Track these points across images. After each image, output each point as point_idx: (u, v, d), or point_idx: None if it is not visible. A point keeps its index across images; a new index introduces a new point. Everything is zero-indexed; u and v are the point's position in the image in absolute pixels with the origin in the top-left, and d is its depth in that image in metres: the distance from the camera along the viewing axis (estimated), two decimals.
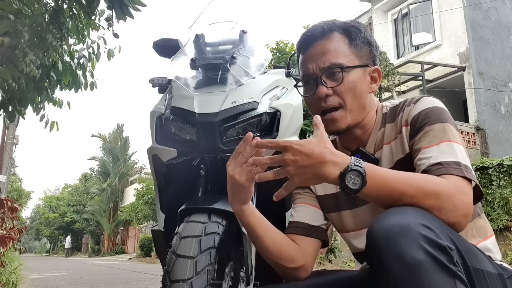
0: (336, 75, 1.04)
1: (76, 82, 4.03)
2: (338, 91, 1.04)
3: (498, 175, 7.41)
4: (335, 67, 1.04)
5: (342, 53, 1.05)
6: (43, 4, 3.54)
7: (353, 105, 1.06)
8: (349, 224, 1.15)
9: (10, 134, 10.61)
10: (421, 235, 0.74)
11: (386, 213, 0.82)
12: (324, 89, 1.04)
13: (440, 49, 11.98)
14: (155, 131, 1.47)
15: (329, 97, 1.05)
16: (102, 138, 31.66)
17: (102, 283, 6.45)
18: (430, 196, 0.84)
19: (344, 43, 1.07)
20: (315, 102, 1.07)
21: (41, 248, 59.69)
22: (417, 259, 0.72)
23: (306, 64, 1.09)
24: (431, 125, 0.98)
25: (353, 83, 1.05)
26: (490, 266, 0.88)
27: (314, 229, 1.14)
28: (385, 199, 0.86)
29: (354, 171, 0.83)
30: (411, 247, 0.73)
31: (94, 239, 34.05)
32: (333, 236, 7.76)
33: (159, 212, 1.50)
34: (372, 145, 1.11)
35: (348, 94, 1.05)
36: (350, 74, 1.05)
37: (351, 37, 1.07)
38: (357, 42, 1.08)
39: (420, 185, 0.85)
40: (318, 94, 1.05)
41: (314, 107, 1.09)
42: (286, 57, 7.30)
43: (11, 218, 3.71)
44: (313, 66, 1.06)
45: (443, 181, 0.87)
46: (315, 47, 1.07)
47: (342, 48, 1.06)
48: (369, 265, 0.84)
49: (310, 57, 1.08)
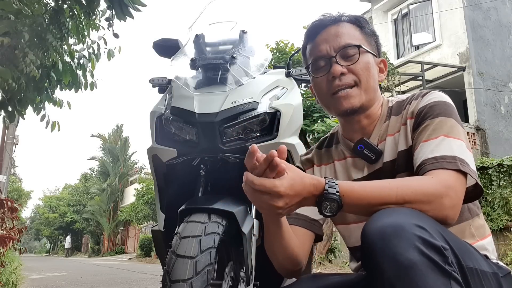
0: (351, 55, 1.05)
1: (76, 82, 4.03)
2: (354, 70, 1.05)
3: (498, 175, 7.42)
4: (351, 46, 1.05)
5: (355, 36, 1.07)
6: (43, 4, 3.53)
7: (368, 85, 1.06)
8: (350, 216, 1.14)
9: (10, 134, 10.62)
10: (415, 235, 0.74)
11: (380, 214, 0.82)
12: (339, 67, 1.04)
13: (440, 49, 11.97)
14: (155, 131, 1.47)
15: (344, 75, 1.04)
16: (102, 138, 31.65)
17: (102, 283, 6.45)
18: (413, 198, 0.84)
19: (355, 29, 1.09)
20: (328, 82, 1.06)
21: (41, 248, 59.67)
22: (412, 260, 0.72)
23: (317, 47, 1.08)
24: (433, 119, 0.98)
25: (367, 64, 1.06)
26: (485, 265, 0.88)
27: (313, 222, 1.15)
28: (367, 212, 0.86)
29: (328, 198, 0.83)
30: (406, 248, 0.73)
31: (94, 239, 34.03)
32: (333, 236, 7.76)
33: (159, 212, 1.50)
34: (376, 136, 1.10)
35: (364, 72, 1.05)
36: (364, 56, 1.06)
37: (361, 25, 1.10)
38: (366, 30, 1.10)
39: (399, 191, 0.85)
40: (333, 72, 1.04)
41: (326, 88, 1.07)
42: (286, 57, 7.29)
43: (11, 218, 3.71)
44: (327, 47, 1.06)
45: (426, 179, 0.88)
46: (327, 30, 1.08)
47: (355, 33, 1.08)
48: (364, 266, 0.84)
49: (323, 39, 1.08)
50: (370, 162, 1.09)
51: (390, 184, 0.86)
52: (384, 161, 1.07)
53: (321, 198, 0.84)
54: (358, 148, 1.10)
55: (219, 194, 1.33)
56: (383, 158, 1.07)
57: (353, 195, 0.85)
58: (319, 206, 0.85)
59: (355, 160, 1.12)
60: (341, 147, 1.18)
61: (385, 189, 0.86)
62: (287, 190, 0.81)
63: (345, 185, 0.85)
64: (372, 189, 0.86)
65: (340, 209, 0.85)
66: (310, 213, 1.15)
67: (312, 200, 0.85)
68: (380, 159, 1.08)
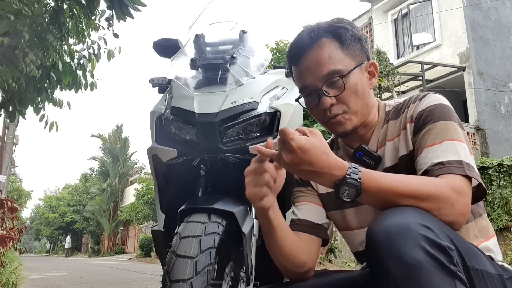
0: (336, 83, 1.02)
1: (76, 83, 4.03)
2: (342, 98, 1.03)
3: (498, 175, 7.41)
4: (334, 76, 1.02)
5: (336, 58, 1.02)
6: (43, 4, 3.54)
7: (358, 107, 1.05)
8: (352, 222, 1.15)
9: (10, 134, 10.62)
10: (420, 235, 0.74)
11: (386, 214, 0.82)
12: (328, 99, 1.03)
13: (440, 49, 11.97)
14: (155, 131, 1.47)
15: (334, 106, 1.04)
16: (102, 138, 31.65)
17: (102, 283, 6.45)
18: (427, 199, 0.84)
19: (335, 47, 1.03)
20: (320, 112, 1.06)
21: (41, 248, 59.66)
22: (417, 260, 0.72)
23: (302, 77, 1.07)
24: (434, 123, 0.98)
25: (354, 87, 1.04)
26: (490, 267, 0.87)
27: (317, 227, 1.14)
28: (381, 204, 0.86)
29: (349, 183, 0.84)
30: (411, 247, 0.73)
31: (94, 239, 34.03)
32: (333, 236, 7.75)
33: (159, 212, 1.50)
34: (375, 142, 1.10)
35: (352, 98, 1.04)
36: (350, 78, 1.03)
37: (340, 39, 1.04)
38: (347, 42, 1.04)
39: (417, 189, 0.85)
40: (322, 106, 1.03)
41: (319, 117, 1.08)
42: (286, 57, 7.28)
43: (11, 218, 3.71)
44: (311, 78, 1.04)
45: (440, 182, 0.87)
46: (307, 58, 1.04)
47: (335, 54, 1.03)
48: (369, 266, 0.84)
49: (305, 70, 1.05)
50: (370, 168, 1.08)
51: (410, 182, 0.86)
52: (384, 166, 1.07)
53: (342, 182, 0.84)
54: (357, 155, 1.10)
55: (219, 194, 1.33)
56: (384, 164, 1.07)
57: (374, 184, 0.85)
58: (337, 190, 0.85)
59: None
60: (341, 153, 1.18)
61: (404, 184, 0.86)
62: (299, 149, 0.83)
63: (367, 174, 0.86)
64: (392, 183, 0.86)
65: (358, 196, 0.85)
66: (314, 218, 1.15)
67: (331, 181, 0.86)
68: (379, 165, 1.08)
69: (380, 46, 12.22)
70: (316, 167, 0.83)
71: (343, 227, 1.18)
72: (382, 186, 0.85)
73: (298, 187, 1.21)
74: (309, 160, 0.83)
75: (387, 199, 0.85)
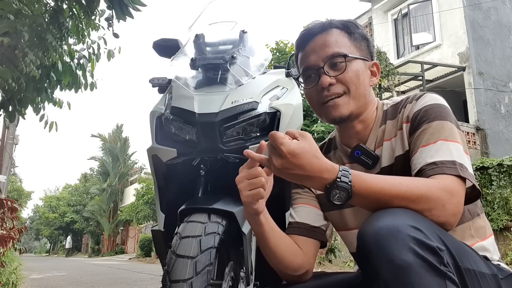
0: (339, 65, 1.05)
1: (76, 83, 4.03)
2: (342, 79, 1.04)
3: (498, 175, 7.41)
4: (338, 56, 1.04)
5: (343, 44, 1.06)
6: (43, 4, 3.53)
7: (357, 93, 1.06)
8: (350, 222, 1.14)
9: (10, 134, 10.62)
10: (410, 236, 0.74)
11: (376, 215, 0.82)
12: (328, 78, 1.04)
13: (440, 49, 11.97)
14: (155, 131, 1.47)
15: (333, 85, 1.05)
16: (102, 138, 31.64)
17: (102, 283, 6.45)
18: (418, 200, 0.84)
19: (343, 36, 1.08)
20: (318, 92, 1.07)
21: (41, 248, 59.65)
22: (407, 261, 0.72)
23: (307, 57, 1.08)
24: (430, 123, 0.98)
25: (355, 72, 1.05)
26: (484, 267, 0.87)
27: (314, 229, 1.14)
28: (373, 206, 0.86)
29: (339, 187, 0.83)
30: (401, 249, 0.73)
31: (94, 239, 34.03)
32: (333, 236, 7.75)
33: (159, 212, 1.50)
34: (372, 141, 1.10)
35: (352, 81, 1.05)
36: (353, 64, 1.05)
37: (350, 31, 1.09)
38: (356, 36, 1.09)
39: (408, 190, 0.84)
40: (321, 84, 1.04)
41: (316, 98, 1.08)
42: (286, 57, 7.29)
43: (11, 218, 3.71)
44: (315, 57, 1.06)
45: (432, 183, 0.87)
46: (315, 40, 1.08)
47: (343, 40, 1.07)
48: (361, 268, 0.84)
49: (311, 50, 1.08)
50: (368, 167, 1.08)
51: (401, 184, 0.86)
52: (382, 166, 1.07)
53: (332, 185, 0.83)
54: (355, 154, 1.10)
55: (219, 194, 1.32)
56: (381, 164, 1.07)
57: (364, 187, 0.85)
58: (328, 193, 0.84)
59: (353, 166, 1.11)
60: (339, 153, 1.18)
61: (394, 186, 0.85)
62: (289, 154, 0.82)
63: (358, 176, 0.85)
64: (382, 185, 0.85)
65: (349, 199, 0.84)
66: (311, 220, 1.15)
67: (321, 185, 0.85)
68: (377, 164, 1.08)
69: (380, 46, 12.21)
70: (307, 171, 0.83)
71: (341, 227, 1.18)
72: (373, 188, 0.85)
73: (296, 189, 1.21)
74: (300, 164, 0.82)
75: (378, 201, 0.85)
